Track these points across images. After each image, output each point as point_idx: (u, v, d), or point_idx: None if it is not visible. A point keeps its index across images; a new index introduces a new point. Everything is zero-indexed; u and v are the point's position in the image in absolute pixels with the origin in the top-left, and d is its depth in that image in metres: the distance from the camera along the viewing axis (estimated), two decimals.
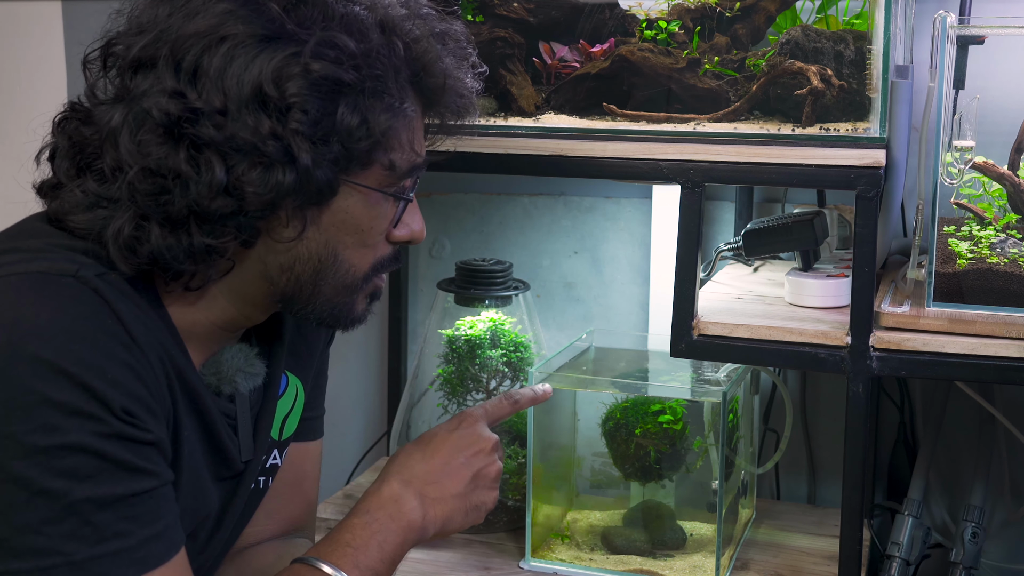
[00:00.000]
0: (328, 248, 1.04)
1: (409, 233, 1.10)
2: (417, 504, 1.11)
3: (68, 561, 0.88)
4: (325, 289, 1.05)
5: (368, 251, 1.07)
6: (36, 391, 0.88)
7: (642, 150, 1.37)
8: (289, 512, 1.29)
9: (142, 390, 0.93)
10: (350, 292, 1.07)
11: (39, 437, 0.87)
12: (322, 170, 0.97)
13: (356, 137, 0.98)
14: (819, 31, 1.36)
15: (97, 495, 0.89)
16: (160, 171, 0.95)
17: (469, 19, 1.48)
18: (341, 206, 1.02)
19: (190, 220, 0.96)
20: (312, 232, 1.02)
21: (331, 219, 1.02)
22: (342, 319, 1.09)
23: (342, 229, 1.03)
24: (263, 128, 0.94)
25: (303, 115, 0.95)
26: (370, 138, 0.99)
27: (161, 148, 0.95)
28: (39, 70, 2.15)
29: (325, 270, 1.04)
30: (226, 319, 1.07)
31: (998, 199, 1.37)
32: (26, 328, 0.89)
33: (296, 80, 0.95)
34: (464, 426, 1.19)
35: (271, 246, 1.02)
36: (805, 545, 1.63)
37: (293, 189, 0.97)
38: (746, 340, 1.36)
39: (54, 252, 0.96)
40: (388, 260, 1.10)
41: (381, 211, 1.05)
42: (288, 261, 1.03)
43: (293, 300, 1.06)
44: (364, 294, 1.10)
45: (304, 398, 1.24)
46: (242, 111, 0.94)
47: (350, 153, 0.99)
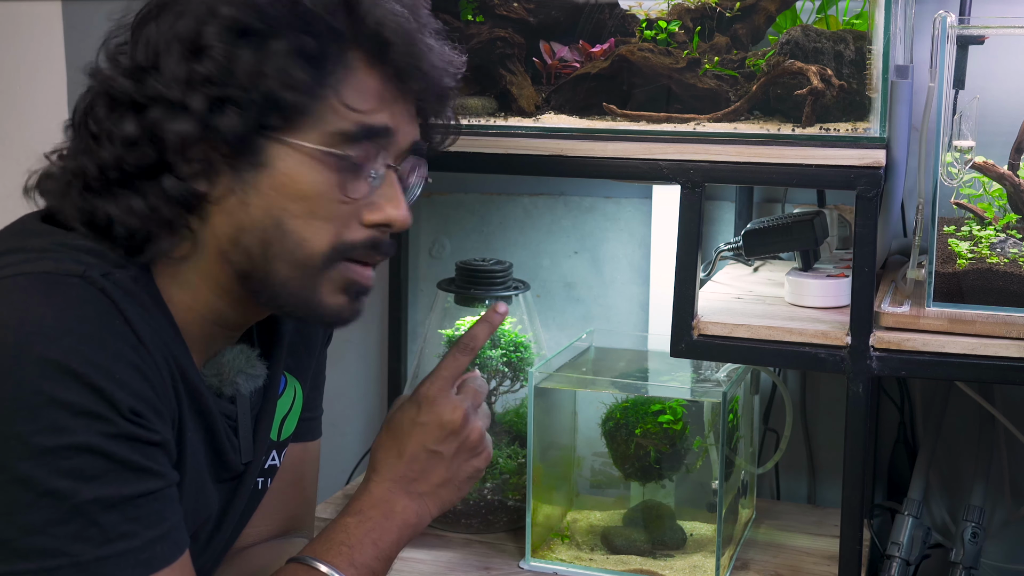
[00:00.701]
0: (271, 216, 0.99)
1: (384, 216, 1.03)
2: (408, 502, 1.11)
3: (74, 562, 0.88)
4: (280, 268, 1.00)
5: (322, 225, 1.00)
6: (43, 391, 0.87)
7: (642, 150, 1.37)
8: (288, 512, 1.29)
9: (149, 391, 0.93)
10: (308, 274, 1.01)
11: (46, 437, 0.87)
12: (227, 119, 0.95)
13: (262, 85, 0.95)
14: (819, 31, 1.36)
15: (103, 496, 0.89)
16: (97, 132, 0.98)
17: (469, 19, 1.48)
18: (280, 168, 0.98)
19: (128, 178, 0.98)
20: (253, 198, 0.99)
21: (271, 183, 0.99)
22: (313, 309, 1.03)
23: (284, 195, 0.99)
24: (177, 75, 0.96)
25: (210, 61, 0.95)
26: (284, 89, 0.96)
27: (100, 110, 0.99)
28: (39, 70, 2.15)
29: (272, 242, 0.99)
30: (215, 311, 1.05)
31: (998, 199, 1.37)
32: (32, 328, 0.89)
33: (209, 26, 0.96)
34: (424, 411, 1.12)
35: (218, 216, 1.00)
36: (805, 545, 1.63)
37: (197, 137, 0.96)
38: (746, 340, 1.36)
39: (59, 252, 0.96)
40: (362, 246, 1.03)
41: (327, 177, 0.99)
42: (235, 232, 1.00)
43: (251, 280, 1.01)
44: (332, 283, 1.03)
45: (303, 399, 1.24)
46: (167, 64, 0.97)
47: (264, 103, 0.96)
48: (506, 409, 1.71)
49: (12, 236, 1.02)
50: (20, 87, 2.17)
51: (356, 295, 1.06)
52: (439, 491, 1.13)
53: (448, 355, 1.14)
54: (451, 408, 1.12)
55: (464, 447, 1.13)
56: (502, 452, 1.67)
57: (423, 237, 1.98)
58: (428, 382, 1.13)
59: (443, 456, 1.12)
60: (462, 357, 1.14)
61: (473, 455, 1.14)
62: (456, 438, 1.13)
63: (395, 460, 1.12)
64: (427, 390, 1.13)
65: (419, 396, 1.13)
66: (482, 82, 1.49)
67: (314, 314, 1.04)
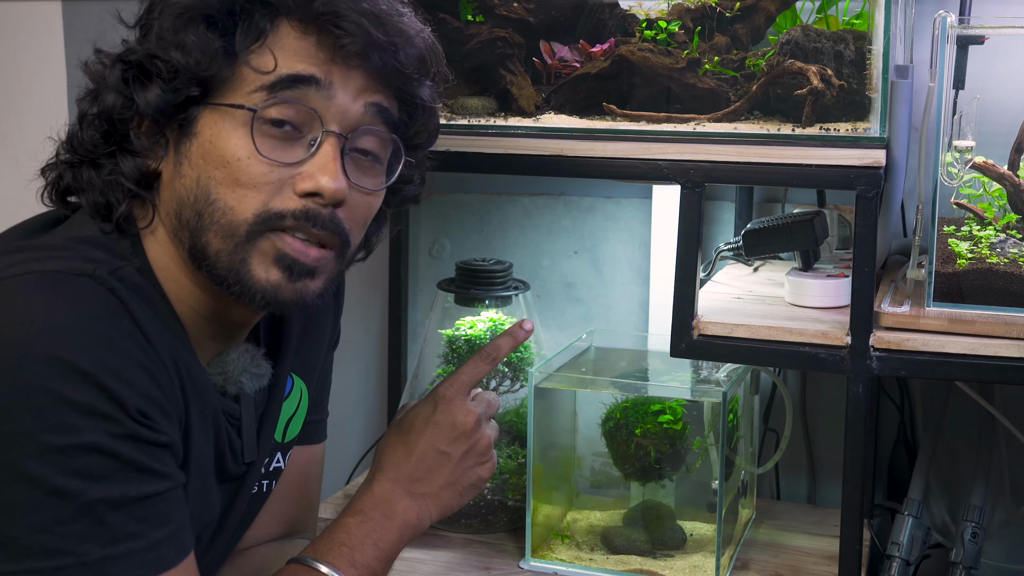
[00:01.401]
0: (200, 186, 0.99)
1: (314, 184, 0.99)
2: (410, 502, 1.11)
3: (80, 561, 0.88)
4: (212, 239, 0.99)
5: (247, 193, 0.98)
6: (52, 390, 0.87)
7: (642, 150, 1.37)
8: (291, 514, 1.28)
9: (157, 392, 0.93)
10: (237, 244, 0.99)
11: (54, 436, 0.87)
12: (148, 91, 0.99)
13: (172, 55, 0.98)
14: (819, 31, 1.36)
15: (110, 496, 0.89)
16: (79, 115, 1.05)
17: (469, 19, 1.48)
18: (205, 135, 1.00)
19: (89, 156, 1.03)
20: (186, 168, 1.00)
21: (199, 150, 1.00)
22: (245, 284, 1.00)
23: (209, 161, 0.99)
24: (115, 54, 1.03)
25: (143, 39, 1.01)
26: (192, 56, 0.98)
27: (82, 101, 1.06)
28: (39, 70, 2.15)
29: (203, 212, 0.99)
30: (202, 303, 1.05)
31: (998, 199, 1.37)
32: (42, 327, 0.89)
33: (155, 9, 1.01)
34: (440, 411, 1.13)
35: (165, 191, 1.03)
36: (805, 545, 1.63)
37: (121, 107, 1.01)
38: (746, 340, 1.36)
39: (68, 249, 0.97)
40: (292, 216, 0.99)
41: (244, 139, 0.98)
42: (176, 206, 1.01)
43: (196, 257, 1.01)
44: (262, 255, 0.99)
45: (308, 401, 1.24)
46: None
47: (181, 72, 0.98)
48: (506, 409, 1.71)
49: (22, 233, 1.03)
50: (20, 87, 2.17)
51: (293, 272, 1.01)
52: (441, 493, 1.13)
53: (469, 361, 1.15)
54: (465, 411, 1.13)
55: (472, 452, 1.14)
56: (502, 452, 1.67)
57: (423, 237, 1.98)
58: (446, 383, 1.15)
59: (451, 457, 1.13)
60: (483, 365, 1.16)
61: (479, 462, 1.15)
62: (466, 441, 1.13)
63: (402, 457, 1.12)
64: (444, 390, 1.14)
65: (435, 395, 1.14)
66: (482, 82, 1.49)
67: (248, 289, 1.00)
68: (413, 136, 1.11)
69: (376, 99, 1.04)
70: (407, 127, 1.10)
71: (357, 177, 1.04)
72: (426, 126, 1.12)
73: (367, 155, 1.05)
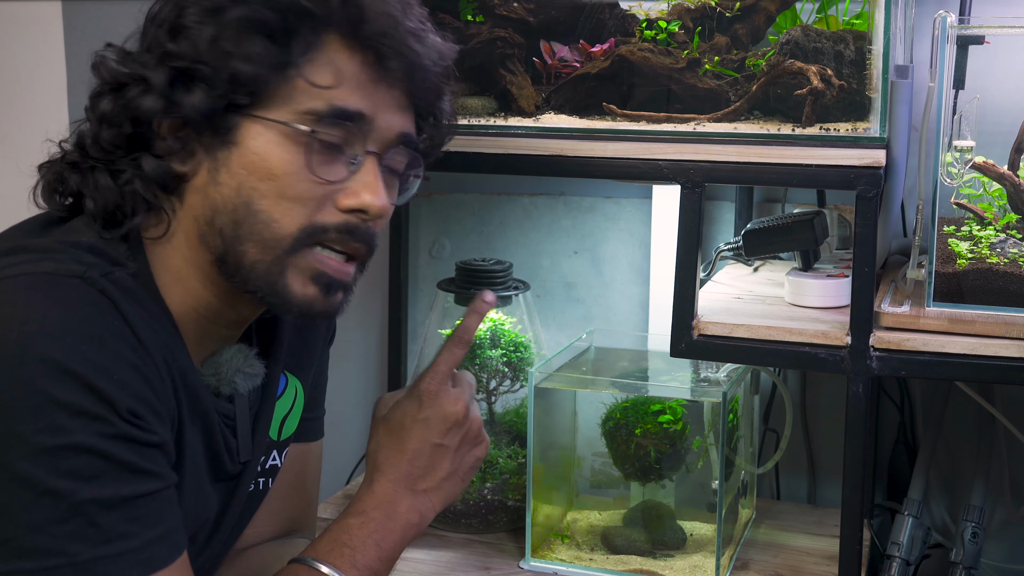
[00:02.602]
0: (241, 196, 0.99)
1: (359, 201, 1.01)
2: (412, 501, 1.11)
3: (71, 562, 0.88)
4: (249, 249, 1.00)
5: (292, 206, 0.99)
6: (43, 391, 0.87)
7: (642, 150, 1.37)
8: (289, 512, 1.28)
9: (148, 392, 0.93)
10: (277, 257, 1.00)
11: (45, 437, 0.87)
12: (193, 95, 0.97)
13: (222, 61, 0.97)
14: (819, 31, 1.36)
15: (102, 496, 0.89)
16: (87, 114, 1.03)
17: (469, 19, 1.48)
18: (250, 146, 0.99)
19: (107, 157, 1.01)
20: (224, 176, 0.99)
21: (241, 161, 0.99)
22: (280, 296, 1.01)
23: (253, 173, 0.99)
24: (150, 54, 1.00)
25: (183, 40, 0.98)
26: (244, 63, 0.97)
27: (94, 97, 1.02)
28: (39, 70, 2.15)
29: (242, 222, 0.99)
30: (205, 305, 1.05)
31: (998, 199, 1.37)
32: (34, 328, 0.89)
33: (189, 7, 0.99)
34: (427, 406, 1.11)
35: (194, 196, 1.01)
36: (805, 545, 1.63)
37: (164, 112, 0.98)
38: (746, 340, 1.36)
39: (61, 251, 0.97)
40: (335, 230, 1.01)
41: (295, 155, 0.99)
42: (210, 212, 1.00)
43: (225, 265, 1.01)
44: (299, 270, 1.01)
45: (304, 398, 1.24)
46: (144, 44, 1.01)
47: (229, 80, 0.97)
48: (506, 409, 1.71)
49: (16, 235, 1.03)
50: (20, 87, 2.17)
51: (328, 287, 1.03)
52: (444, 484, 1.13)
53: (444, 349, 1.14)
54: (453, 400, 1.12)
55: (467, 438, 1.14)
56: (502, 452, 1.67)
57: (423, 237, 1.98)
58: (427, 378, 1.13)
59: (448, 449, 1.12)
60: (457, 350, 1.14)
61: (474, 445, 1.15)
62: (460, 429, 1.13)
63: (398, 458, 1.11)
64: (427, 385, 1.12)
65: (419, 392, 1.12)
66: (482, 82, 1.49)
67: (282, 301, 1.02)
68: (431, 147, 1.14)
69: (410, 117, 1.07)
70: (429, 139, 1.13)
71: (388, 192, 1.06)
72: (443, 139, 1.16)
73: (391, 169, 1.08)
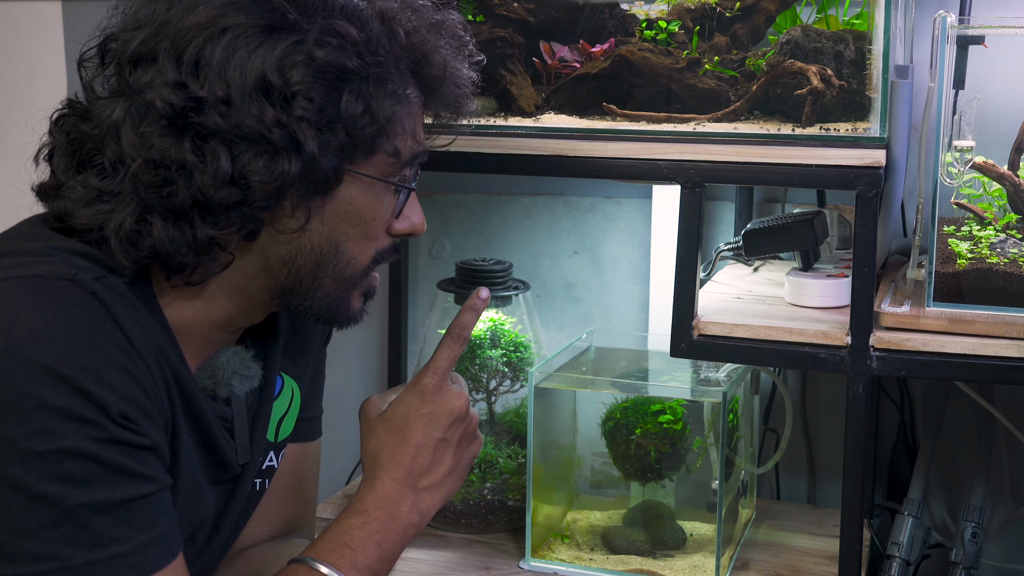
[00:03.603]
0: (331, 240, 1.03)
1: (410, 225, 1.10)
2: (414, 499, 1.10)
3: (64, 566, 0.88)
4: (325, 283, 1.05)
5: (370, 243, 1.07)
6: (33, 395, 0.87)
7: (642, 150, 1.37)
8: (288, 512, 1.28)
9: (139, 395, 0.93)
10: (349, 286, 1.07)
11: (36, 442, 0.87)
12: (327, 158, 0.97)
13: (360, 124, 0.98)
14: (819, 31, 1.36)
15: (94, 500, 0.89)
16: (164, 162, 0.95)
17: (469, 19, 1.48)
18: (344, 196, 1.02)
19: (194, 211, 0.96)
20: (316, 223, 1.02)
21: (334, 210, 1.02)
22: (339, 315, 1.09)
23: (345, 220, 1.03)
24: (267, 117, 0.95)
25: (308, 103, 0.95)
26: (374, 125, 0.99)
27: (164, 139, 0.95)
28: (39, 70, 2.15)
29: (326, 263, 1.04)
30: (224, 317, 1.06)
31: (998, 199, 1.37)
32: (23, 332, 0.88)
33: (300, 68, 0.95)
34: (430, 400, 1.12)
35: (274, 237, 1.02)
36: (805, 545, 1.63)
37: (298, 178, 0.97)
38: (746, 340, 1.36)
39: (53, 255, 0.96)
40: (387, 252, 1.10)
41: (383, 201, 1.06)
42: (290, 253, 1.03)
43: (292, 294, 1.05)
44: (360, 290, 1.09)
45: (300, 399, 1.23)
46: (246, 100, 0.94)
47: (355, 141, 0.99)
48: (506, 409, 1.71)
49: (10, 239, 1.02)
50: (20, 87, 2.17)
51: (367, 298, 1.12)
52: (445, 481, 1.13)
53: (442, 346, 1.14)
54: (455, 395, 1.13)
55: (467, 433, 1.15)
56: (502, 452, 1.67)
57: (423, 237, 1.98)
58: (428, 374, 1.13)
59: (450, 443, 1.13)
60: (455, 346, 1.14)
61: (472, 440, 1.16)
62: (462, 424, 1.14)
63: (402, 455, 1.11)
64: (429, 380, 1.13)
65: (421, 387, 1.12)
66: (482, 82, 1.48)
67: (340, 318, 1.10)
68: None
69: None
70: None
71: None
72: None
73: None
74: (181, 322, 1.03)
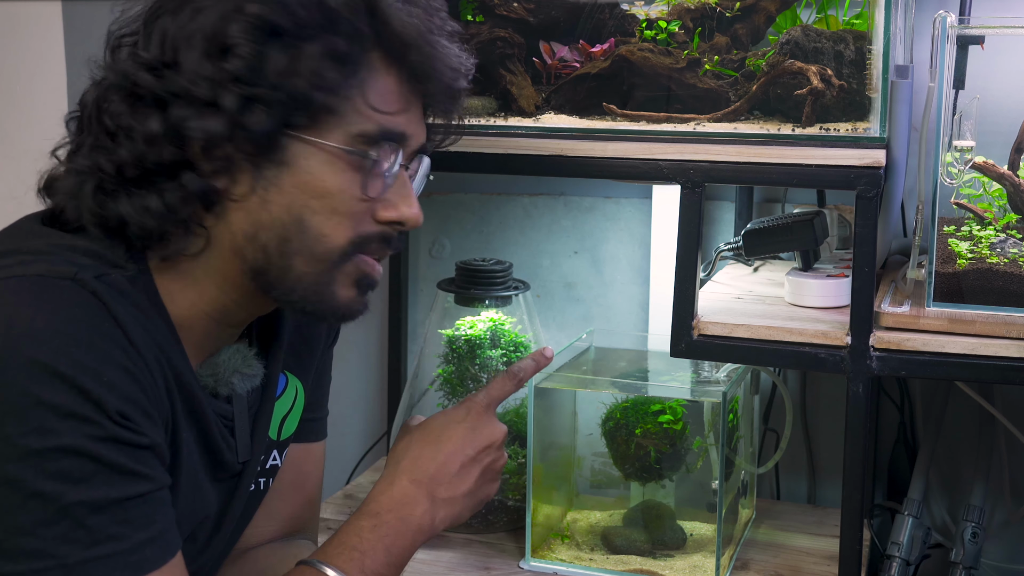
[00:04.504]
0: (291, 213, 1.00)
1: (397, 214, 1.05)
2: (428, 506, 1.10)
3: (61, 564, 0.88)
4: (297, 263, 1.01)
5: (342, 220, 1.01)
6: (31, 393, 0.87)
7: (642, 150, 1.37)
8: (291, 513, 1.28)
9: (139, 393, 0.93)
10: (326, 268, 1.02)
11: (33, 439, 0.87)
12: (255, 117, 0.96)
13: (293, 85, 0.96)
14: (819, 31, 1.36)
15: (91, 498, 0.89)
16: (113, 128, 0.98)
17: (469, 19, 1.48)
18: (303, 166, 0.99)
19: (145, 176, 0.98)
20: (274, 195, 1.00)
21: (292, 180, 0.99)
22: (326, 305, 1.04)
23: (306, 191, 1.00)
24: (202, 72, 0.96)
25: (239, 60, 0.96)
26: (314, 88, 0.97)
27: (117, 106, 0.98)
28: (39, 70, 2.15)
29: (291, 238, 1.00)
30: (218, 308, 1.05)
31: (998, 199, 1.37)
32: (22, 331, 0.89)
33: (234, 23, 0.96)
34: (472, 417, 1.14)
35: (237, 212, 1.01)
36: (805, 545, 1.63)
37: (227, 136, 0.96)
38: (746, 340, 1.36)
39: (54, 253, 0.96)
40: (375, 240, 1.05)
41: (349, 176, 1.01)
42: (253, 228, 1.00)
43: (265, 276, 1.02)
44: (346, 276, 1.04)
45: (304, 398, 1.23)
46: (188, 60, 0.97)
47: (294, 103, 0.97)
48: (506, 409, 1.71)
49: (10, 238, 1.02)
50: (20, 87, 2.17)
51: (365, 288, 1.07)
52: (459, 503, 1.12)
53: (498, 379, 1.18)
54: (495, 424, 1.16)
55: (493, 466, 1.15)
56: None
57: (423, 237, 1.98)
58: (482, 394, 1.16)
59: (478, 465, 1.13)
60: (509, 384, 1.18)
61: (493, 480, 1.16)
62: (492, 453, 1.15)
63: (429, 457, 1.12)
64: (481, 399, 1.16)
65: (469, 403, 1.15)
66: (482, 82, 1.49)
67: (326, 307, 1.05)
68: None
69: (424, 125, 1.10)
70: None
71: None
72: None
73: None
74: (181, 316, 1.03)
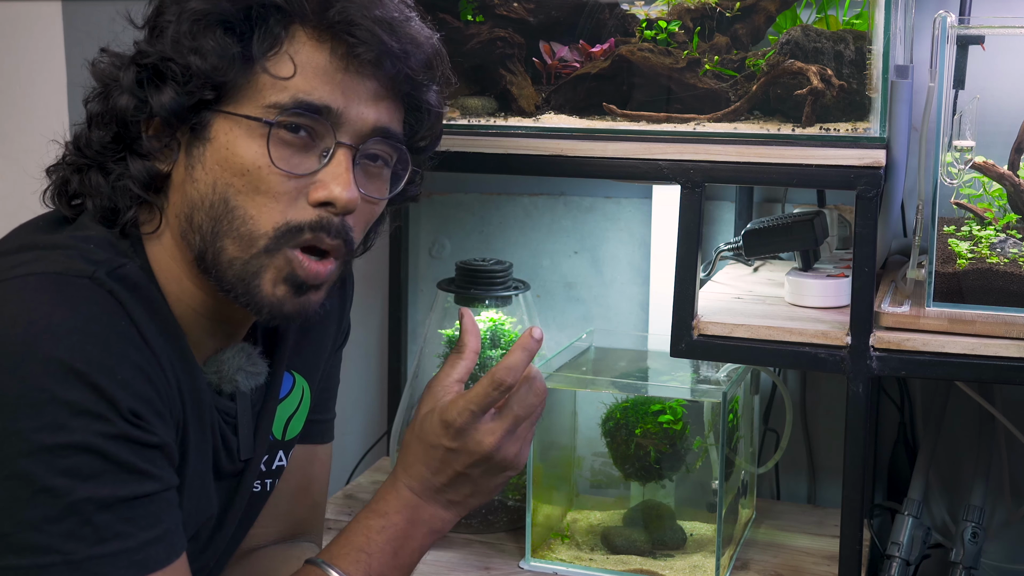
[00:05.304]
0: (216, 191, 0.99)
1: (327, 194, 0.99)
2: (437, 508, 1.09)
3: (66, 560, 0.88)
4: (227, 246, 0.99)
5: (267, 202, 0.99)
6: (46, 389, 0.88)
7: (642, 150, 1.37)
8: (296, 515, 1.28)
9: (151, 393, 0.94)
10: (255, 255, 0.99)
11: (45, 435, 0.88)
12: (163, 93, 0.99)
13: (189, 59, 0.98)
14: (819, 31, 1.36)
15: (98, 496, 0.89)
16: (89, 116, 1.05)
17: (469, 19, 1.48)
18: (221, 141, 0.99)
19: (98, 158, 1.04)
20: (199, 172, 1.00)
21: (214, 156, 0.99)
22: (252, 298, 1.01)
23: (226, 168, 0.99)
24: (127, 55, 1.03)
25: (156, 40, 1.01)
26: (209, 60, 0.98)
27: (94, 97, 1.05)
28: (39, 70, 2.15)
29: (220, 218, 0.99)
30: (204, 305, 1.05)
31: (998, 199, 1.37)
32: (40, 328, 0.89)
33: (168, 10, 1.01)
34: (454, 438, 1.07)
35: (175, 193, 1.03)
36: (805, 545, 1.63)
37: (134, 110, 1.01)
38: (746, 340, 1.36)
39: (71, 247, 0.98)
40: (309, 227, 1.00)
41: (261, 148, 0.98)
42: (187, 208, 1.01)
43: (204, 261, 1.01)
44: (276, 270, 1.00)
45: (310, 399, 1.23)
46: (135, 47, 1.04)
47: (197, 76, 0.98)
48: None
49: (27, 232, 1.04)
50: (20, 87, 2.17)
51: (298, 287, 1.01)
52: (468, 500, 1.11)
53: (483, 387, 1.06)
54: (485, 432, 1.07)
55: (492, 468, 1.09)
56: None
57: (423, 237, 1.98)
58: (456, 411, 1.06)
59: (471, 477, 1.09)
60: (495, 394, 1.06)
61: (502, 470, 1.09)
62: (484, 464, 1.08)
63: (425, 472, 1.09)
64: (456, 420, 1.06)
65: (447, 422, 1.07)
66: (482, 82, 1.49)
67: (253, 301, 1.01)
68: (419, 140, 1.12)
69: (387, 106, 1.04)
70: (414, 132, 1.11)
71: (365, 185, 1.04)
72: (432, 130, 1.13)
73: (376, 160, 1.06)
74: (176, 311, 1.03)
